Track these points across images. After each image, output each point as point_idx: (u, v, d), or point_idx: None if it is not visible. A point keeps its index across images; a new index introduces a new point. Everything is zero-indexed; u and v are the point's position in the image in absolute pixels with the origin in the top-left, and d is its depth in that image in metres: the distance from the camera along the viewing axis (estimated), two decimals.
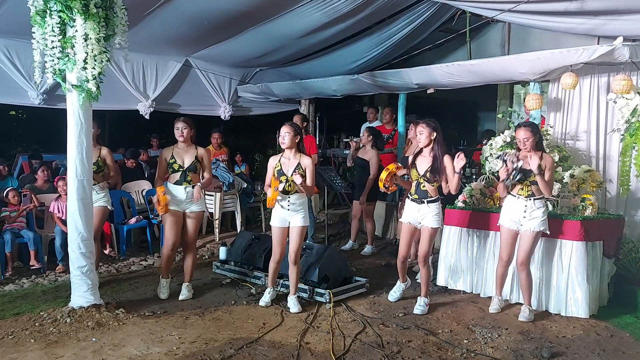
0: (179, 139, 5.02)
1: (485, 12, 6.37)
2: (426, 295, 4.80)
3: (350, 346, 3.99)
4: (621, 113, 5.14)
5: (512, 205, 4.56)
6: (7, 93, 6.82)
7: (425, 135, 4.68)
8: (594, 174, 5.11)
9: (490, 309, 4.73)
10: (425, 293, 4.80)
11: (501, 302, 4.80)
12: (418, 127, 4.77)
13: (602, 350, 4.03)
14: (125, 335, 4.12)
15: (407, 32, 7.51)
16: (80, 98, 4.29)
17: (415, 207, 4.73)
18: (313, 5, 6.20)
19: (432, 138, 4.68)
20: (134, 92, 7.70)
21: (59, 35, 4.15)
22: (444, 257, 5.44)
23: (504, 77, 6.15)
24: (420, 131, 4.70)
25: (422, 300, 4.76)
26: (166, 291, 5.09)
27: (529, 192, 4.49)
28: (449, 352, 3.95)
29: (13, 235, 5.86)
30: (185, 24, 6.57)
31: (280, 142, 4.70)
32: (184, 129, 4.98)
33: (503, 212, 4.65)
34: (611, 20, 5.36)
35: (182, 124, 4.99)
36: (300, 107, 9.25)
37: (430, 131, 4.67)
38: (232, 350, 3.86)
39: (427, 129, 4.67)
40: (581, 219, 4.64)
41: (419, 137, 4.74)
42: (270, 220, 4.74)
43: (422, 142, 4.72)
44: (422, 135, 4.70)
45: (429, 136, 4.67)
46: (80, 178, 4.42)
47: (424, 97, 7.58)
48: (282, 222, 4.68)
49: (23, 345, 3.90)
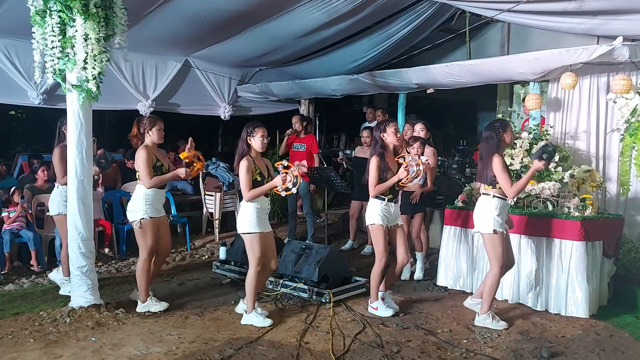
0: (160, 140, 4.77)
1: (485, 12, 6.37)
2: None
3: (350, 346, 3.99)
4: (621, 113, 5.14)
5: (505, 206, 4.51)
6: (7, 93, 6.83)
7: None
8: (594, 174, 5.11)
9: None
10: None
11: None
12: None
13: (602, 350, 4.03)
14: (125, 335, 4.12)
15: (407, 32, 7.50)
16: (80, 98, 4.30)
17: (389, 207, 4.64)
18: (313, 5, 6.20)
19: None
20: (133, 92, 7.70)
21: (59, 35, 4.16)
22: (444, 257, 5.44)
23: (504, 77, 6.15)
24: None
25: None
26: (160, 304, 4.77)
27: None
28: (448, 352, 3.95)
29: (12, 236, 5.87)
30: (185, 24, 6.57)
31: (263, 146, 4.40)
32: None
33: (498, 217, 4.35)
34: (611, 20, 5.35)
35: (162, 124, 4.76)
36: (300, 107, 9.25)
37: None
38: (231, 350, 3.86)
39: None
40: (581, 219, 4.64)
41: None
42: (261, 227, 4.34)
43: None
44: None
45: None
46: (80, 178, 4.43)
47: (423, 97, 7.58)
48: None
49: (23, 345, 3.90)
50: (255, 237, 4.29)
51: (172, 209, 7.39)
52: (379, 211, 4.57)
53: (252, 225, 4.28)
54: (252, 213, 4.29)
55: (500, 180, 4.25)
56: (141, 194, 4.59)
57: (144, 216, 4.55)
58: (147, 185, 4.55)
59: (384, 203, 4.58)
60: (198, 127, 10.49)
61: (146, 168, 4.53)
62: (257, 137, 4.33)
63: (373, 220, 4.59)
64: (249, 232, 4.29)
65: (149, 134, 4.68)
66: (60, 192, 5.05)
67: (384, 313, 4.60)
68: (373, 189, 4.54)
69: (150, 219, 4.58)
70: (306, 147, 7.27)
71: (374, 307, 4.67)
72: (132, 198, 4.69)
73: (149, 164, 4.55)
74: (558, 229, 4.70)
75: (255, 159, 4.37)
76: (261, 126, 4.37)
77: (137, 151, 4.61)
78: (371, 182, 4.54)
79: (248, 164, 4.27)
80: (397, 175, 4.50)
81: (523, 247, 4.91)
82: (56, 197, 5.10)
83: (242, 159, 4.30)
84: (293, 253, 5.42)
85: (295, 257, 5.36)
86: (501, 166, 4.25)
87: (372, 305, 4.68)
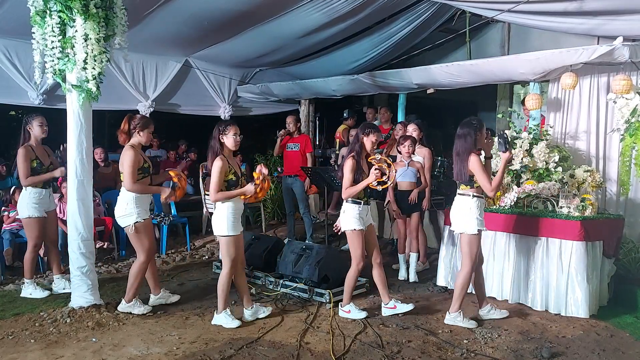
0: (147, 143, 4.77)
1: (485, 12, 6.37)
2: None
3: (350, 346, 3.99)
4: (621, 113, 5.14)
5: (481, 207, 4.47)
6: (7, 93, 6.84)
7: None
8: (594, 174, 5.11)
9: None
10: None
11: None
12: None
13: (602, 350, 4.03)
14: (125, 335, 4.12)
15: (407, 32, 7.51)
16: (80, 98, 4.30)
17: (366, 210, 4.59)
18: (313, 5, 6.21)
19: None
20: (133, 92, 7.71)
21: (59, 36, 4.16)
22: (443, 257, 5.44)
23: (504, 77, 6.15)
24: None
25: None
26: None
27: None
28: (449, 352, 3.95)
29: (12, 236, 5.87)
30: (185, 24, 6.57)
31: (236, 144, 4.33)
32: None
33: (479, 216, 4.35)
34: (611, 20, 5.36)
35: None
36: (300, 108, 9.25)
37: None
38: (232, 350, 3.86)
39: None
40: (581, 219, 4.64)
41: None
42: (236, 230, 4.32)
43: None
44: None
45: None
46: (80, 178, 4.43)
47: (424, 97, 7.58)
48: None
49: (23, 346, 3.90)
50: (230, 240, 4.27)
51: (172, 209, 7.40)
52: (356, 215, 4.48)
53: (228, 227, 4.24)
54: (228, 215, 4.25)
55: (480, 180, 4.23)
56: (130, 198, 4.47)
57: (137, 219, 4.49)
58: (128, 188, 4.43)
59: (360, 207, 4.50)
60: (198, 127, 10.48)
61: (132, 170, 4.41)
62: (229, 135, 4.26)
63: (352, 225, 4.49)
64: (224, 235, 4.27)
65: (139, 135, 4.55)
66: (30, 193, 4.97)
67: (357, 315, 4.55)
68: (345, 191, 4.46)
69: (144, 221, 4.54)
70: (300, 147, 7.29)
71: (345, 311, 4.60)
72: (120, 202, 4.54)
73: (135, 166, 4.43)
74: (558, 229, 4.69)
75: (229, 157, 4.32)
76: (234, 124, 4.31)
77: (124, 151, 4.49)
78: (344, 184, 4.45)
79: (222, 164, 4.20)
80: (366, 180, 4.39)
81: (523, 247, 4.92)
82: (25, 199, 4.99)
83: (217, 158, 4.22)
84: (293, 253, 5.42)
85: (295, 257, 5.36)
86: (478, 165, 4.22)
87: (344, 309, 4.61)
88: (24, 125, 5.03)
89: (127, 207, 4.48)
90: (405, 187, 5.71)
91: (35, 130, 4.99)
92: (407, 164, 5.69)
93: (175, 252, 6.88)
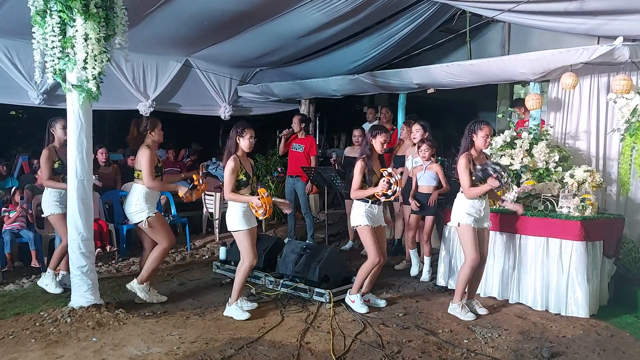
0: (161, 139, 4.97)
1: (485, 12, 6.37)
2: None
3: (351, 346, 3.99)
4: (621, 113, 5.14)
5: (477, 205, 4.55)
6: (7, 93, 6.83)
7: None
8: (594, 174, 5.11)
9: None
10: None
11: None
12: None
13: (602, 350, 4.03)
14: (126, 335, 4.12)
15: (407, 32, 7.51)
16: (80, 98, 4.30)
17: (374, 208, 4.69)
18: (313, 5, 6.21)
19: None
20: (134, 92, 7.71)
21: (59, 35, 4.15)
22: (443, 257, 5.45)
23: (504, 77, 6.15)
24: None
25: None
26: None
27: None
28: (449, 352, 3.95)
29: (12, 236, 5.87)
30: (185, 24, 6.57)
31: (250, 146, 4.57)
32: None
33: (467, 213, 4.50)
34: (611, 20, 5.36)
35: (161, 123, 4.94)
36: (300, 107, 9.25)
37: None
38: (232, 350, 3.86)
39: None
40: (581, 219, 4.64)
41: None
42: (248, 224, 4.51)
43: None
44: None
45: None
46: (80, 178, 4.43)
47: (424, 97, 7.58)
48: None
49: (23, 345, 3.91)
50: (243, 234, 4.49)
51: (172, 209, 7.40)
52: (363, 212, 4.65)
53: (239, 222, 4.47)
54: (239, 211, 4.48)
55: (460, 180, 4.47)
56: (141, 194, 4.73)
57: (150, 214, 4.73)
58: (148, 185, 4.70)
59: (367, 205, 4.66)
60: (198, 127, 10.49)
61: (149, 168, 4.68)
62: (246, 137, 4.51)
63: (358, 221, 4.66)
64: (237, 230, 4.48)
65: (152, 135, 4.85)
66: (50, 192, 5.10)
67: (359, 309, 4.68)
68: (353, 191, 4.64)
69: (155, 215, 4.78)
70: (304, 149, 7.28)
71: (351, 300, 4.76)
72: (131, 199, 4.78)
73: (152, 164, 4.70)
74: (558, 229, 4.70)
75: (242, 158, 4.54)
76: (250, 127, 4.56)
77: (141, 150, 4.76)
78: (354, 184, 4.63)
79: (235, 165, 4.43)
80: (374, 189, 4.55)
81: (523, 247, 4.92)
82: (47, 198, 5.13)
83: (230, 158, 4.46)
84: (293, 253, 5.43)
85: (295, 257, 5.36)
86: (462, 167, 4.44)
87: (351, 297, 4.77)
88: (48, 128, 5.17)
89: (138, 203, 4.72)
90: (424, 190, 5.77)
91: (59, 133, 5.09)
92: (425, 167, 5.75)
93: (176, 252, 6.87)
